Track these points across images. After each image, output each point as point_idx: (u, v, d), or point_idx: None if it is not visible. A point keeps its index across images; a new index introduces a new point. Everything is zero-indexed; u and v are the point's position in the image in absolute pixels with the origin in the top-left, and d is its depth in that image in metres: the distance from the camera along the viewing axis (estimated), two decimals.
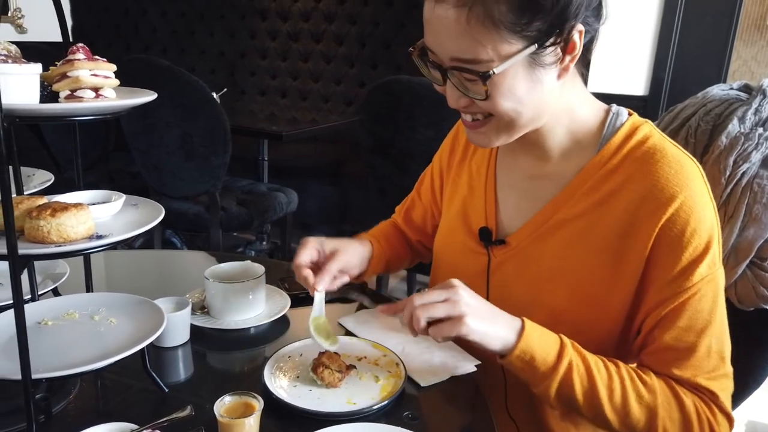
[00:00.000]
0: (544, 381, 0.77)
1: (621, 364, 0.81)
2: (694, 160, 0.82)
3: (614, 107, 0.87)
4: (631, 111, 0.87)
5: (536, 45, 0.71)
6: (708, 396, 0.80)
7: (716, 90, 1.13)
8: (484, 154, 0.98)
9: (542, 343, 0.78)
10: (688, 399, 0.79)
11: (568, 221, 0.84)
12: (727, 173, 1.01)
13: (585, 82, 0.88)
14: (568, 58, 0.75)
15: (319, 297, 0.95)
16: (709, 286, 0.79)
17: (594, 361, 0.79)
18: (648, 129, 0.83)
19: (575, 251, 0.83)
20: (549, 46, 0.72)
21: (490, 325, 0.77)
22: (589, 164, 0.84)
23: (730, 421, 0.81)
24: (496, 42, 0.70)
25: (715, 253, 0.80)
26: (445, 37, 0.73)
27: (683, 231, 0.77)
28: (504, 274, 0.91)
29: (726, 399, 0.81)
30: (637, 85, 2.48)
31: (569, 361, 0.77)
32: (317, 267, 0.98)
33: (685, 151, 0.82)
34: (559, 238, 0.85)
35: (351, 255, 1.02)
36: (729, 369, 0.82)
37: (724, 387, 0.81)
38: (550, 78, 0.76)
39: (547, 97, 0.78)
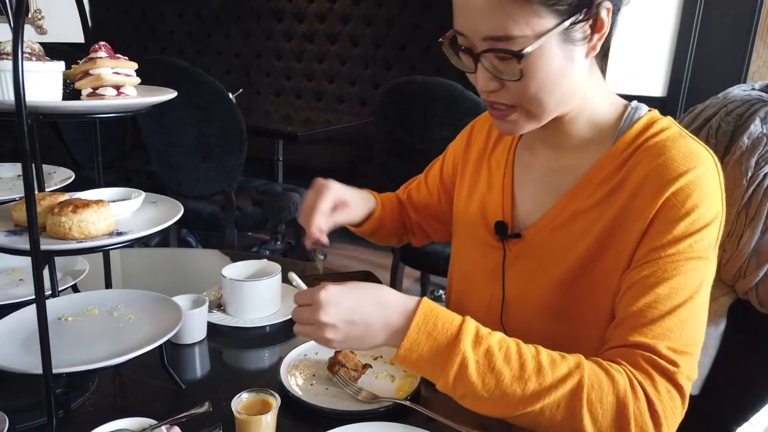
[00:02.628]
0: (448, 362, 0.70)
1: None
2: (711, 152, 0.79)
3: (634, 103, 0.86)
4: (652, 108, 0.86)
5: (568, 21, 0.71)
6: (666, 365, 0.71)
7: (737, 90, 1.11)
8: (503, 151, 0.98)
9: (442, 319, 0.72)
10: (622, 377, 0.70)
11: (582, 212, 0.83)
12: (749, 174, 0.99)
13: (603, 75, 0.88)
14: (596, 36, 0.75)
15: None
16: (699, 267, 0.74)
17: (497, 340, 0.72)
18: (666, 123, 0.82)
19: (587, 242, 0.82)
20: (580, 21, 0.72)
21: (365, 329, 0.72)
22: (604, 156, 0.83)
23: (683, 398, 0.72)
24: (529, 17, 0.70)
25: (713, 241, 0.76)
26: (478, 16, 0.73)
27: (683, 203, 0.74)
28: (520, 268, 0.90)
29: (686, 381, 0.72)
30: (655, 87, 2.46)
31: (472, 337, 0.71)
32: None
33: (704, 144, 0.80)
34: (572, 230, 0.84)
35: (357, 209, 1.05)
36: (698, 358, 0.74)
37: (689, 366, 0.72)
38: (579, 56, 0.76)
39: (575, 78, 0.78)
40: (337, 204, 1.01)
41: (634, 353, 0.72)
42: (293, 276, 0.84)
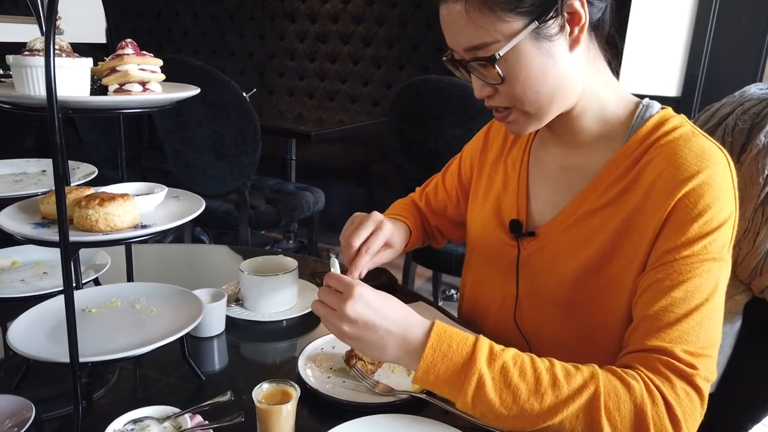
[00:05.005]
0: (465, 377, 0.71)
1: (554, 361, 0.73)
2: (724, 151, 0.79)
3: (646, 100, 0.86)
4: (665, 106, 0.86)
5: (536, 20, 0.74)
6: (684, 367, 0.71)
7: (754, 89, 1.11)
8: (519, 151, 0.99)
9: (456, 339, 0.73)
10: (637, 383, 0.70)
11: (595, 211, 0.84)
12: (766, 173, 0.99)
13: (616, 74, 0.88)
14: (576, 29, 0.76)
15: None
16: (714, 268, 0.74)
17: (511, 356, 0.72)
18: (678, 121, 0.82)
19: (600, 241, 0.83)
20: (549, 18, 0.74)
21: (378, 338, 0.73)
22: (617, 154, 0.84)
23: (702, 400, 0.71)
24: (496, 24, 0.74)
25: (727, 241, 0.76)
26: (455, 31, 0.78)
27: (696, 203, 0.75)
28: (533, 266, 0.92)
29: (705, 383, 0.72)
30: (670, 86, 2.45)
31: (486, 354, 0.71)
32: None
33: (717, 143, 0.80)
34: (585, 228, 0.85)
35: (397, 249, 1.04)
36: (716, 359, 0.74)
37: (707, 368, 0.72)
38: (560, 51, 0.77)
39: (562, 71, 0.79)
40: (383, 245, 0.99)
41: (651, 357, 0.73)
42: (334, 260, 0.85)
